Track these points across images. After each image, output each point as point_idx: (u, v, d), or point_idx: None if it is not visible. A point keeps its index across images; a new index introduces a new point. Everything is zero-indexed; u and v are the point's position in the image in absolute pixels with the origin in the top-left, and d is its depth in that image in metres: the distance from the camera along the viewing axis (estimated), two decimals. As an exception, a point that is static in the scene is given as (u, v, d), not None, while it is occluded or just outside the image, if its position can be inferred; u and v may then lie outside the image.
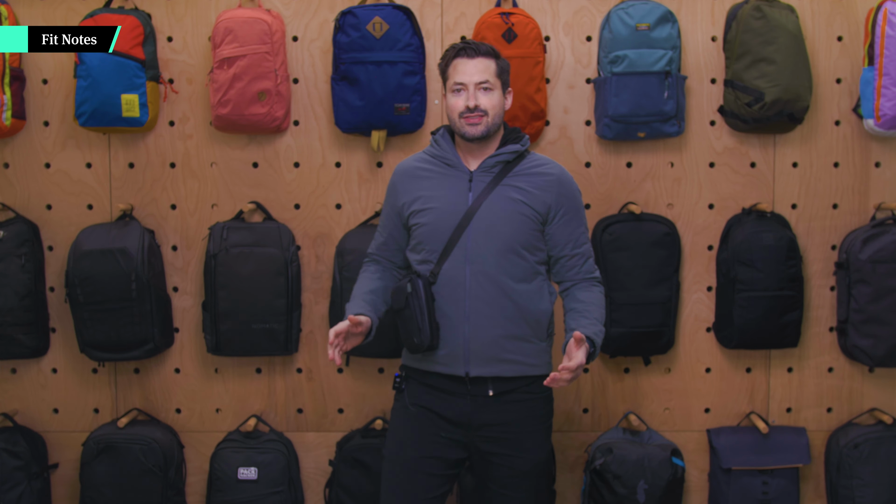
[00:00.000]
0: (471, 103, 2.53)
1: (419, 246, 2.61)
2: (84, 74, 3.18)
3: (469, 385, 2.57)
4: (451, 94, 2.58)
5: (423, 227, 2.59)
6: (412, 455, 2.61)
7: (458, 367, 2.56)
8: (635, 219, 3.31)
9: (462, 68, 2.55)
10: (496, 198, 2.57)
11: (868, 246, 3.27)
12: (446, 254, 2.55)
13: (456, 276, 2.55)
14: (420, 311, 2.53)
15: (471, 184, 2.59)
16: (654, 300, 3.30)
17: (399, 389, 2.68)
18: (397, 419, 2.68)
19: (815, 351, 3.44)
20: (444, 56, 2.62)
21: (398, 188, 2.67)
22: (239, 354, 3.32)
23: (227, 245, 3.25)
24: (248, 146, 3.39)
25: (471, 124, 2.55)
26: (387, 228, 2.72)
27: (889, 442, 3.31)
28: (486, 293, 2.54)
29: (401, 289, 2.56)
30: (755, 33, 3.18)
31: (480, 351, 2.55)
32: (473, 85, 2.54)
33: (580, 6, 3.36)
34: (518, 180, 2.59)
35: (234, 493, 3.25)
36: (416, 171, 2.65)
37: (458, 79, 2.55)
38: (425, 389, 2.62)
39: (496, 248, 2.54)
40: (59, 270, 3.38)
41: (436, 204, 2.58)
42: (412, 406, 2.63)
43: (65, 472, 3.47)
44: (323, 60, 3.35)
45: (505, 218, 2.56)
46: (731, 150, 3.39)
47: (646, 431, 3.37)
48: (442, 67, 2.62)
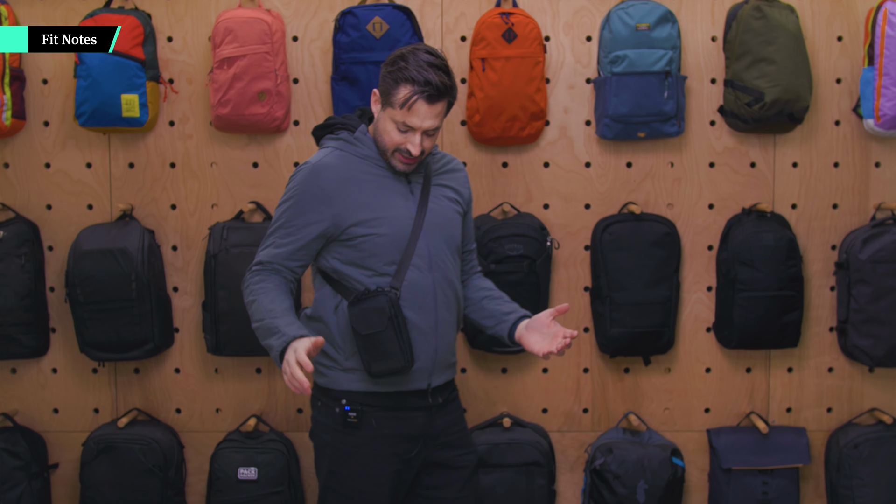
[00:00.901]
0: (416, 151, 2.35)
1: (370, 259, 2.38)
2: (84, 74, 3.18)
3: (430, 396, 2.48)
4: (391, 122, 2.35)
5: (375, 237, 2.38)
6: (383, 490, 2.45)
7: (423, 381, 2.45)
8: (635, 219, 3.31)
9: (418, 111, 2.32)
10: (436, 199, 2.47)
11: (868, 246, 3.27)
12: (406, 263, 2.38)
13: (423, 286, 2.40)
14: (400, 331, 2.35)
15: (410, 186, 2.46)
16: (654, 300, 3.30)
17: (355, 425, 2.42)
18: (357, 457, 2.43)
19: (815, 351, 3.44)
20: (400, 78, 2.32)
21: (332, 196, 2.38)
22: (239, 354, 3.32)
23: (227, 245, 3.25)
24: (248, 146, 3.39)
25: (406, 164, 2.40)
26: (303, 236, 2.39)
27: (889, 442, 3.31)
28: (448, 299, 2.47)
29: (375, 308, 2.33)
30: (755, 33, 3.18)
31: (443, 359, 2.47)
32: (423, 130, 2.35)
33: (580, 6, 3.36)
34: (442, 179, 2.52)
35: (234, 493, 3.25)
36: (349, 174, 2.40)
37: (409, 121, 2.33)
38: (387, 414, 2.43)
39: (450, 250, 2.48)
40: (59, 270, 3.38)
41: (386, 212, 2.39)
42: (379, 439, 2.43)
43: (65, 472, 3.47)
44: (323, 60, 3.35)
45: (449, 218, 2.49)
46: (731, 150, 3.39)
47: (646, 431, 3.37)
48: (391, 84, 2.34)
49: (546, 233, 3.31)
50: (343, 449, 2.45)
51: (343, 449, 2.45)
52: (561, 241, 3.38)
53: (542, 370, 3.45)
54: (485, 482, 3.20)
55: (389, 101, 2.36)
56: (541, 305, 3.28)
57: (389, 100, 2.36)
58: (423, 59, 2.33)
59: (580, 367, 3.46)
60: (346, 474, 2.46)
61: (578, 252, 3.41)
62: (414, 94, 2.31)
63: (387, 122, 2.38)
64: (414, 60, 2.33)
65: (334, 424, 2.46)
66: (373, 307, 2.34)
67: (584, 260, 3.41)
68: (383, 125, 2.39)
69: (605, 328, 3.32)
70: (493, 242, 3.21)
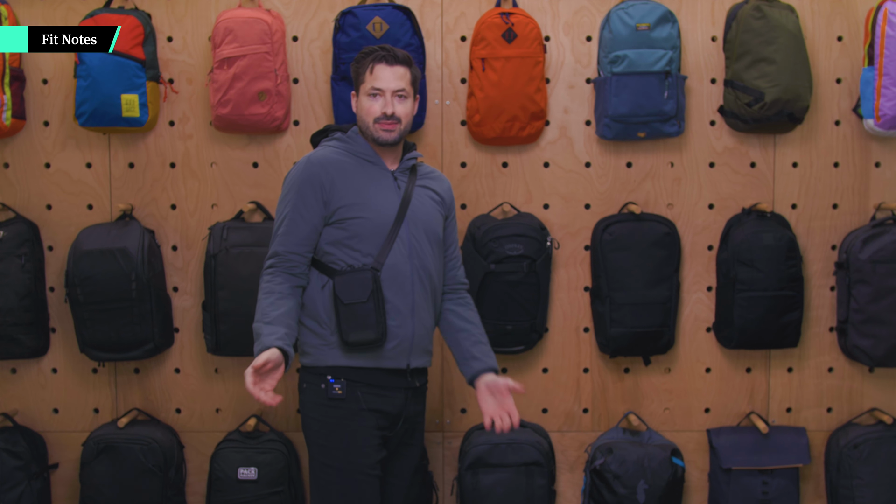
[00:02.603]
0: (388, 110, 2.58)
1: (355, 240, 2.57)
2: (84, 74, 3.18)
3: (409, 377, 2.63)
4: (365, 97, 2.61)
5: (361, 220, 2.57)
6: (369, 462, 2.57)
7: (402, 360, 2.60)
8: (635, 219, 3.31)
9: (381, 74, 2.59)
10: (419, 195, 2.67)
11: (868, 246, 3.27)
12: (388, 247, 2.57)
13: (402, 270, 2.58)
14: (378, 305, 2.53)
15: (396, 181, 2.65)
16: (654, 300, 3.30)
17: (340, 398, 2.56)
18: (342, 429, 2.56)
19: (815, 351, 3.44)
20: (361, 58, 2.63)
21: (324, 181, 2.58)
22: (239, 354, 3.32)
23: (227, 245, 3.25)
24: (248, 146, 3.39)
25: (385, 130, 2.60)
26: (308, 221, 2.59)
27: (889, 442, 3.31)
28: (424, 286, 2.63)
29: (360, 281, 2.53)
30: (755, 33, 3.18)
31: (420, 343, 2.63)
32: (391, 92, 2.59)
33: (580, 6, 3.36)
34: (426, 182, 2.73)
35: (234, 493, 3.25)
36: (342, 164, 2.62)
37: (376, 84, 2.59)
38: (370, 390, 2.58)
39: (429, 241, 2.66)
40: (59, 270, 3.38)
41: (372, 199, 2.59)
42: (363, 412, 2.57)
43: (65, 472, 3.47)
44: (323, 60, 3.35)
45: (431, 213, 2.68)
46: (731, 150, 3.39)
47: (646, 431, 3.37)
48: (356, 69, 2.64)
49: (546, 233, 3.31)
50: (329, 423, 2.58)
51: (329, 423, 2.58)
52: (561, 241, 3.38)
53: (542, 370, 3.45)
54: (485, 482, 3.21)
55: (359, 82, 2.64)
56: (541, 305, 3.28)
57: (358, 81, 2.64)
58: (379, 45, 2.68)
59: (580, 367, 3.46)
60: (335, 446, 2.58)
61: (578, 252, 3.41)
62: (372, 59, 2.60)
63: (362, 99, 2.63)
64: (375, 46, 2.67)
65: (320, 400, 2.59)
66: (358, 279, 2.53)
67: (584, 260, 3.41)
68: (361, 105, 2.63)
69: (605, 328, 3.32)
70: (493, 242, 3.21)
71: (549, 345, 3.43)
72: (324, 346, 2.59)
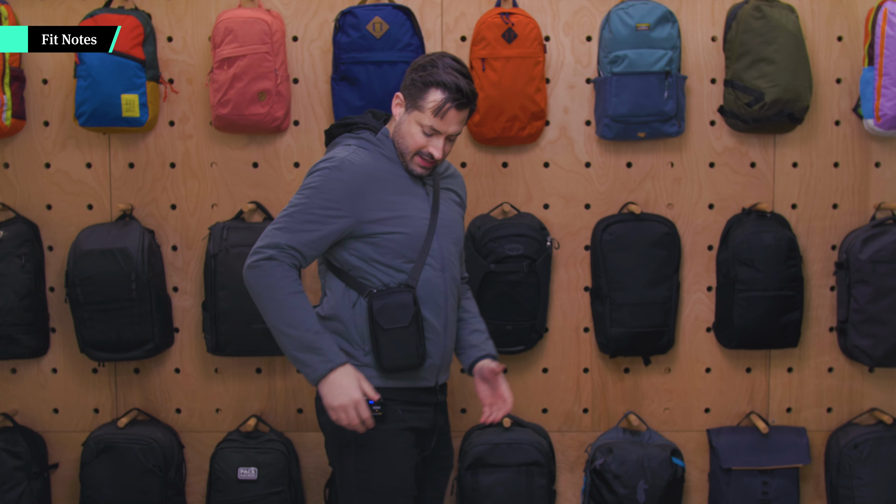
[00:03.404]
0: (438, 155, 2.42)
1: (388, 256, 2.41)
2: (84, 74, 3.18)
3: (438, 394, 2.55)
4: (416, 125, 2.41)
5: (395, 235, 2.41)
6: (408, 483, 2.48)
7: (432, 378, 2.51)
8: (635, 219, 3.31)
9: (448, 117, 2.39)
10: (445, 202, 2.55)
11: (868, 246, 3.27)
12: (421, 262, 2.43)
13: (437, 286, 2.46)
14: (420, 328, 2.40)
15: (426, 189, 2.52)
16: (654, 300, 3.30)
17: (381, 419, 2.41)
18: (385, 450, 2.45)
19: (815, 351, 3.44)
20: (430, 82, 2.38)
21: (359, 192, 2.39)
22: (239, 354, 3.32)
23: (227, 245, 3.25)
24: (248, 146, 3.39)
25: (424, 167, 2.46)
26: (325, 227, 2.37)
27: (889, 442, 3.31)
28: (454, 299, 2.55)
29: (400, 304, 2.38)
30: (755, 33, 3.18)
31: (447, 358, 2.56)
32: (446, 135, 2.43)
33: (580, 6, 3.36)
34: (447, 183, 2.61)
35: (234, 493, 3.25)
36: (380, 174, 2.44)
37: (437, 126, 2.39)
38: (406, 408, 2.48)
39: (456, 251, 2.56)
40: (59, 270, 3.38)
41: (407, 212, 2.44)
42: (402, 432, 2.47)
43: (65, 472, 3.47)
44: (323, 60, 3.35)
45: (457, 221, 2.59)
46: (731, 150, 3.39)
47: (646, 431, 3.37)
48: (420, 92, 2.39)
49: (546, 233, 3.31)
50: (369, 445, 2.44)
51: (369, 445, 2.44)
52: (561, 241, 3.38)
53: (542, 370, 3.45)
54: (485, 482, 3.21)
55: (417, 105, 2.41)
56: (541, 305, 3.28)
57: (417, 104, 2.41)
58: (450, 64, 2.41)
59: (580, 367, 3.46)
60: (376, 470, 2.45)
61: (578, 252, 3.41)
62: (447, 102, 2.37)
63: (412, 125, 2.42)
64: (442, 65, 2.40)
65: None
66: (398, 303, 2.38)
67: (584, 260, 3.41)
68: (407, 128, 2.43)
69: (605, 328, 3.32)
70: (493, 242, 3.21)
71: (549, 345, 3.43)
72: (360, 368, 2.41)
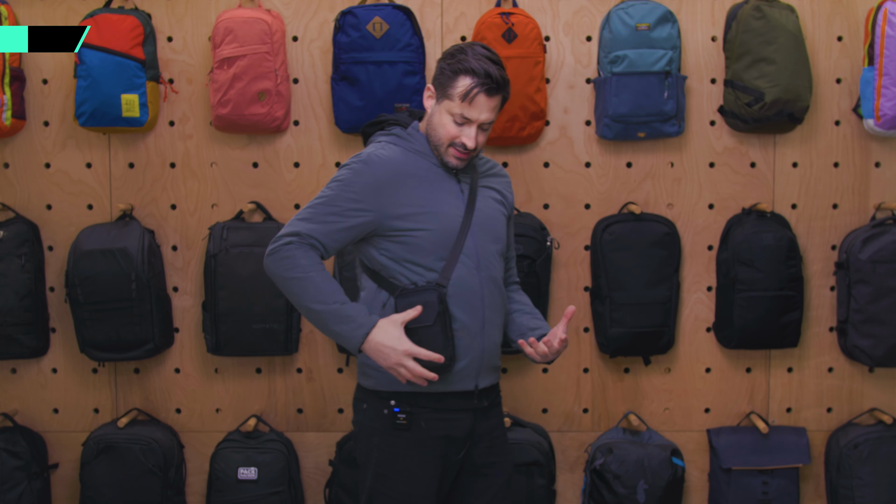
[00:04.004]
0: (471, 144, 2.37)
1: (417, 254, 2.36)
2: (84, 74, 3.18)
3: (476, 399, 2.44)
4: (447, 114, 2.37)
5: (422, 232, 2.36)
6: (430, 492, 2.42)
7: (469, 382, 2.42)
8: (635, 219, 3.31)
9: (478, 103, 2.34)
10: (484, 199, 2.47)
11: (868, 246, 3.27)
12: (454, 260, 2.36)
13: (471, 285, 2.38)
14: (446, 328, 2.33)
15: (460, 185, 2.45)
16: (654, 300, 3.30)
17: (405, 427, 2.38)
18: (408, 460, 2.40)
19: (815, 351, 3.44)
20: (459, 69, 2.34)
21: (384, 188, 2.36)
22: (239, 354, 3.32)
23: (227, 245, 3.25)
24: (248, 146, 3.39)
25: (459, 159, 2.40)
26: (347, 221, 2.35)
27: (889, 442, 3.31)
28: (495, 300, 2.45)
29: (427, 304, 2.31)
30: (755, 33, 3.18)
31: (489, 361, 2.45)
32: (478, 123, 2.37)
33: (580, 6, 3.36)
34: (488, 181, 2.53)
35: (234, 493, 3.25)
36: (406, 169, 2.40)
37: (468, 114, 2.34)
38: (436, 415, 2.40)
39: (496, 250, 2.46)
40: (59, 270, 3.38)
41: (436, 208, 2.38)
42: (429, 441, 2.40)
43: (65, 472, 3.47)
44: (323, 60, 3.35)
45: (496, 219, 2.49)
46: (731, 150, 3.39)
47: (646, 431, 3.37)
48: (449, 80, 2.36)
49: (546, 233, 3.31)
50: (391, 451, 2.42)
51: (391, 451, 2.42)
52: (561, 241, 3.38)
53: (542, 370, 3.45)
54: (485, 482, 3.21)
55: (447, 94, 2.37)
56: (541, 305, 3.27)
57: (447, 92, 2.37)
58: (480, 52, 2.37)
59: (580, 367, 3.46)
60: (395, 478, 2.42)
61: (578, 252, 3.41)
62: (475, 87, 2.33)
63: (443, 115, 2.38)
64: (472, 53, 2.36)
65: (382, 427, 2.42)
66: (422, 301, 2.32)
67: (584, 260, 3.41)
68: (439, 118, 2.39)
69: (605, 328, 3.32)
70: (493, 242, 3.20)
71: (549, 345, 3.43)
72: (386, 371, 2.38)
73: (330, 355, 3.43)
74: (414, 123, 2.49)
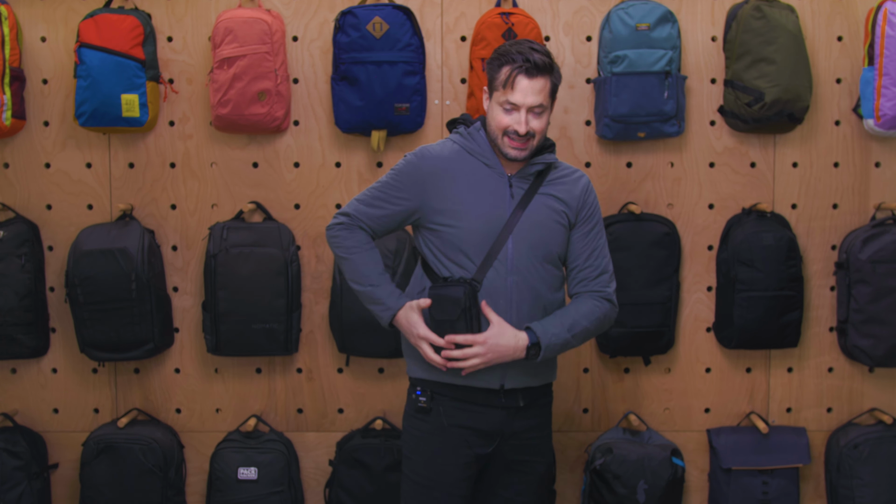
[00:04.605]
0: (522, 129, 2.39)
1: (450, 250, 2.45)
2: (84, 74, 3.18)
3: (503, 397, 2.49)
4: (498, 106, 2.42)
5: (452, 229, 2.44)
6: (451, 479, 2.50)
7: (494, 381, 2.47)
8: (635, 219, 3.31)
9: (521, 87, 2.38)
10: (537, 206, 2.47)
11: (868, 246, 3.27)
12: (489, 262, 2.42)
13: (498, 287, 2.43)
14: (471, 324, 2.39)
15: (511, 189, 2.47)
16: (654, 300, 3.30)
17: (426, 410, 2.51)
18: (428, 443, 2.51)
19: (815, 351, 3.44)
20: (498, 60, 2.42)
21: (426, 180, 2.46)
22: (239, 354, 3.32)
23: (227, 245, 3.25)
24: (248, 146, 3.39)
25: (516, 148, 2.42)
26: (390, 208, 2.50)
27: (889, 442, 3.31)
28: (527, 304, 2.46)
29: (452, 299, 2.38)
30: (755, 33, 3.18)
31: (518, 364, 2.45)
32: (526, 108, 2.40)
33: (580, 6, 3.36)
34: (552, 188, 2.51)
35: (234, 493, 3.25)
36: (452, 165, 2.47)
37: (512, 99, 2.39)
38: (458, 405, 2.49)
39: (538, 257, 2.47)
40: (59, 270, 3.38)
41: (476, 207, 2.44)
42: (449, 427, 2.49)
43: (65, 472, 3.47)
44: (323, 60, 3.35)
45: (546, 227, 2.48)
46: (731, 150, 3.39)
47: (646, 431, 3.37)
48: (492, 73, 2.43)
49: (546, 233, 3.30)
50: (415, 434, 2.55)
51: (415, 434, 2.55)
52: (561, 241, 3.38)
53: (542, 370, 3.45)
54: (485, 482, 3.21)
55: (494, 87, 2.45)
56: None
57: (494, 85, 2.44)
58: (522, 42, 2.45)
59: (580, 367, 3.46)
60: (418, 460, 2.54)
61: (578, 252, 3.40)
62: (514, 70, 2.39)
63: (494, 107, 2.45)
64: (513, 45, 2.45)
65: (411, 410, 2.56)
66: (449, 295, 2.39)
67: (584, 260, 3.40)
68: (492, 113, 2.46)
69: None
70: (493, 242, 3.21)
71: (549, 345, 3.43)
72: (416, 358, 2.52)
73: (330, 355, 3.43)
74: (476, 124, 2.55)
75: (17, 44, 3.28)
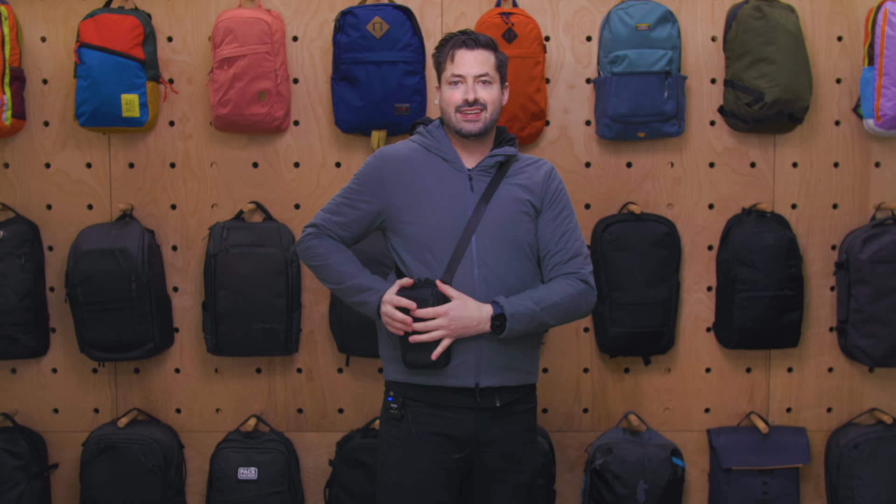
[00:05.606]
0: (470, 96, 2.42)
1: (419, 249, 2.43)
2: (84, 74, 3.18)
3: (478, 397, 2.43)
4: (447, 86, 2.46)
5: (414, 225, 2.43)
6: (426, 486, 2.44)
7: (469, 379, 2.41)
8: (635, 219, 3.31)
9: (461, 59, 2.44)
10: (500, 197, 2.46)
11: (868, 246, 3.27)
12: (456, 259, 2.40)
13: (468, 282, 2.40)
14: None
15: (471, 183, 2.46)
16: (654, 300, 3.30)
17: (397, 418, 2.46)
18: (399, 450, 2.47)
19: (815, 351, 3.44)
20: (441, 46, 2.50)
21: (387, 180, 2.47)
22: (239, 354, 3.32)
23: (227, 245, 3.25)
24: (248, 146, 3.39)
25: (468, 120, 2.43)
26: (356, 213, 2.50)
27: (889, 442, 3.31)
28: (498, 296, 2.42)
29: (419, 300, 2.36)
30: (755, 33, 3.18)
31: (492, 360, 2.43)
32: (472, 77, 2.43)
33: (580, 6, 3.36)
34: (516, 178, 2.50)
35: (234, 493, 3.25)
36: (410, 162, 2.48)
37: (456, 70, 2.44)
38: (431, 411, 2.44)
39: (505, 248, 2.44)
40: (59, 270, 3.38)
41: (436, 204, 2.43)
42: (419, 436, 2.44)
43: (65, 472, 3.47)
44: (323, 60, 3.35)
45: (510, 217, 2.46)
46: (731, 150, 3.39)
47: (646, 431, 3.37)
48: (438, 58, 2.50)
49: (546, 233, 3.30)
50: (389, 441, 2.50)
51: (389, 441, 2.50)
52: (561, 241, 3.37)
53: (543, 370, 3.45)
54: (485, 482, 3.21)
55: (441, 70, 2.51)
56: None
57: (440, 69, 2.51)
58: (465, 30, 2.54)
59: (580, 367, 3.46)
60: (390, 465, 2.49)
61: (578, 252, 3.40)
62: (454, 46, 2.47)
63: (444, 89, 2.49)
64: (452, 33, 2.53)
65: (384, 415, 2.53)
66: (416, 298, 2.38)
67: (584, 260, 3.40)
68: (443, 97, 2.49)
69: (604, 328, 3.32)
70: (493, 242, 3.21)
71: (549, 345, 3.43)
72: (390, 360, 2.50)
73: (330, 355, 3.43)
74: (435, 122, 2.56)
75: (17, 44, 3.28)
